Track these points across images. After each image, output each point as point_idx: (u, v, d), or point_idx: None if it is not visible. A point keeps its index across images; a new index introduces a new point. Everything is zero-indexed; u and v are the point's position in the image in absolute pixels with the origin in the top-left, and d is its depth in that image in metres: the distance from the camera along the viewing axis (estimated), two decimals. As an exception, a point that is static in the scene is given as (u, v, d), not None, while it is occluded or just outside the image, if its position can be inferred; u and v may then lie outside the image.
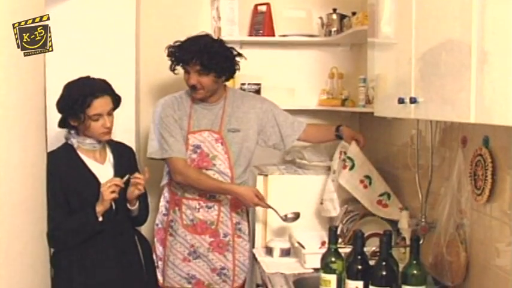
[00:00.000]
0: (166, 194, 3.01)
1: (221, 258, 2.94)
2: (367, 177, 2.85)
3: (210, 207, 2.93)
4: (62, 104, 2.53)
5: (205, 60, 2.80)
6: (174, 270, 2.94)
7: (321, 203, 2.96)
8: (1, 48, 1.93)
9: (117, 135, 2.76)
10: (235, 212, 2.98)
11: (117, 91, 2.64)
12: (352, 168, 2.83)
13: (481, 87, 1.40)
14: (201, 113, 2.96)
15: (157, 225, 3.02)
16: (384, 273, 2.02)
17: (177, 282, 2.94)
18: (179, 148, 2.88)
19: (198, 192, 2.92)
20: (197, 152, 2.91)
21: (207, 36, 2.93)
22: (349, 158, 2.86)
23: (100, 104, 2.52)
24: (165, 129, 2.90)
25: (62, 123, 2.60)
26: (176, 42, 2.90)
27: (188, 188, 2.93)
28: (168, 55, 2.91)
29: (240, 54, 2.98)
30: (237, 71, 2.99)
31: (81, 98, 2.48)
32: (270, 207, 2.89)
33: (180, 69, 2.93)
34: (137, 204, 2.64)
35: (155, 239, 3.00)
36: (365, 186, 2.83)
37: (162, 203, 3.02)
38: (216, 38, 3.02)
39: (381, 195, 2.82)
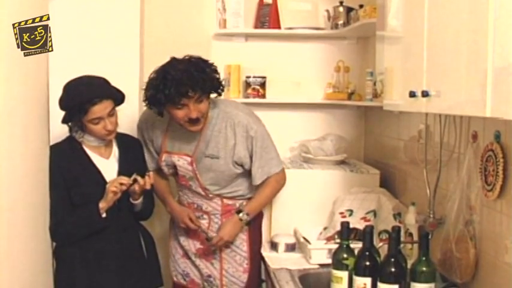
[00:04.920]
0: None
1: (208, 265, 2.84)
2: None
3: (199, 217, 2.82)
4: (62, 105, 2.46)
5: (203, 84, 2.50)
6: (174, 264, 2.93)
7: None
8: (4, 43, 1.91)
9: (121, 131, 2.70)
10: (227, 219, 2.82)
11: (121, 88, 2.56)
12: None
13: (498, 80, 1.37)
14: (178, 132, 2.70)
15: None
16: (393, 269, 1.99)
17: (175, 276, 2.93)
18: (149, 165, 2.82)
19: (187, 200, 2.85)
20: (176, 172, 2.80)
21: (180, 60, 2.55)
22: None
23: (99, 109, 2.42)
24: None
25: (65, 120, 2.55)
26: (150, 82, 2.53)
27: (182, 194, 2.88)
28: (153, 102, 2.53)
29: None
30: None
31: (78, 105, 2.40)
32: (200, 228, 2.80)
33: None
34: (141, 199, 2.59)
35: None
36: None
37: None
38: (183, 57, 2.57)
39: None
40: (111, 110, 2.47)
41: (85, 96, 2.40)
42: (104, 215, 2.45)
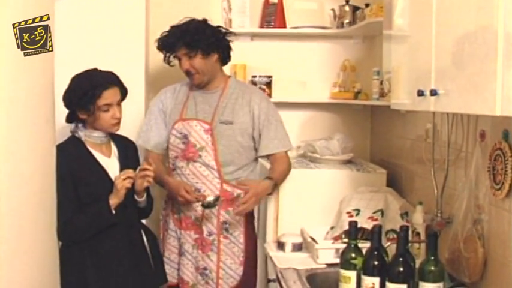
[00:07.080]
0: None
1: (204, 258, 2.84)
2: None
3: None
4: (70, 97, 2.51)
5: (188, 40, 2.77)
6: (171, 265, 2.92)
7: None
8: (9, 44, 1.91)
9: (126, 128, 2.73)
10: (225, 210, 2.85)
11: (127, 83, 2.63)
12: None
13: (508, 77, 1.36)
14: (197, 100, 2.90)
15: (160, 220, 3.02)
16: (401, 269, 1.98)
17: (174, 277, 2.91)
18: (149, 137, 2.93)
19: None
20: (185, 142, 2.84)
21: (192, 19, 2.86)
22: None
23: (110, 95, 2.52)
24: (147, 117, 2.97)
25: (70, 118, 2.58)
26: (163, 33, 2.90)
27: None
28: (159, 48, 2.90)
29: (229, 32, 2.92)
30: (230, 50, 2.92)
31: (91, 89, 2.48)
32: (197, 200, 2.78)
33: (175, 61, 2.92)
34: (145, 195, 2.63)
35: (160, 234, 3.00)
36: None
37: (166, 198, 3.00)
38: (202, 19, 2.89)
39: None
40: (119, 100, 2.57)
41: (98, 80, 2.51)
42: (113, 212, 2.47)
